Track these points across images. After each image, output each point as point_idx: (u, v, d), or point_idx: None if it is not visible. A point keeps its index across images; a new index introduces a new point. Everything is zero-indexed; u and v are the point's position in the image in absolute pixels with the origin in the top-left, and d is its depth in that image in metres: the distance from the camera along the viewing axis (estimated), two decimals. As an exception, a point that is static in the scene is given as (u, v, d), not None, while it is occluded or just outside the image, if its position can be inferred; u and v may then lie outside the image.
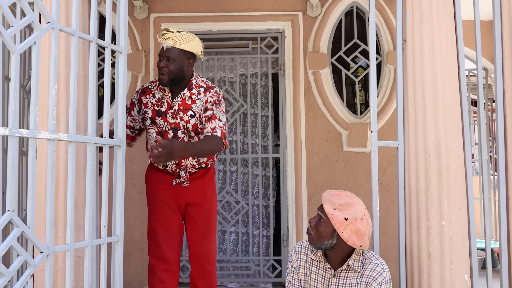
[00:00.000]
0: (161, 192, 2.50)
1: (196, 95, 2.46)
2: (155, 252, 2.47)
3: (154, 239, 2.48)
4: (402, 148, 2.16)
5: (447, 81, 2.10)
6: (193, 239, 2.53)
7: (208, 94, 2.46)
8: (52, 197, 1.64)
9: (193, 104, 2.45)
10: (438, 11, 2.12)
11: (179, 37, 2.35)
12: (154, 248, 2.47)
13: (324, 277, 1.94)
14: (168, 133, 2.45)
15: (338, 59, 3.85)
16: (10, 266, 1.50)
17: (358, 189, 3.65)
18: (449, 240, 2.02)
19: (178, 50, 2.35)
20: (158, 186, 2.51)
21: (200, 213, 2.53)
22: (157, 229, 2.47)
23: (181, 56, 2.37)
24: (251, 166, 3.95)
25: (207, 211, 2.55)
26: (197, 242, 2.53)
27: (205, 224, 2.54)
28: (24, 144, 2.85)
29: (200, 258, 2.54)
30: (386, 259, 2.19)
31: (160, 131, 2.47)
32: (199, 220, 2.53)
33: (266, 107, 4.02)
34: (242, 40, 4.05)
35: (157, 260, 2.46)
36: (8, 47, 1.47)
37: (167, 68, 2.35)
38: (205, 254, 2.54)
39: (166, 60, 2.36)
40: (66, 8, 2.03)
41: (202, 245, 2.53)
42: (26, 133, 1.52)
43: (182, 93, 2.44)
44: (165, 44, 2.35)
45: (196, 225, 2.52)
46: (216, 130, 2.40)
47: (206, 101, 2.45)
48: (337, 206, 1.82)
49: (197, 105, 2.45)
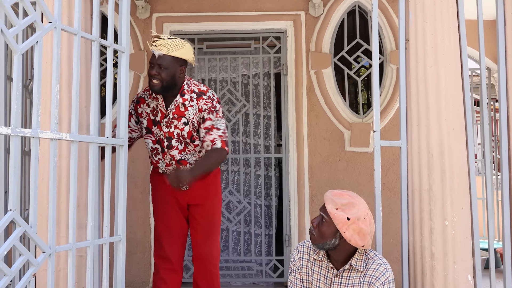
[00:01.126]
0: (163, 194, 2.51)
1: (189, 102, 2.41)
2: (158, 251, 2.53)
3: (157, 239, 2.54)
4: (405, 148, 2.15)
5: (450, 81, 2.09)
6: (196, 240, 2.53)
7: (201, 101, 2.40)
8: (54, 197, 1.64)
9: (186, 111, 2.41)
10: (441, 10, 2.11)
11: (170, 44, 2.30)
12: (157, 248, 2.54)
13: (327, 277, 1.94)
14: (164, 141, 2.45)
15: (340, 58, 3.84)
16: (12, 266, 1.50)
17: (361, 189, 3.65)
18: (452, 240, 2.01)
19: (170, 57, 2.30)
20: (161, 187, 2.52)
21: (203, 214, 2.52)
22: (160, 229, 2.51)
23: (173, 63, 2.32)
24: (253, 166, 3.95)
25: (210, 212, 2.54)
26: (200, 243, 2.53)
27: (207, 225, 2.53)
28: (26, 144, 2.85)
29: (202, 259, 2.54)
30: (389, 259, 2.19)
31: (157, 140, 2.46)
32: (201, 221, 2.52)
33: (268, 107, 4.02)
34: (244, 40, 4.05)
35: (160, 259, 2.50)
36: (11, 47, 1.47)
37: (160, 75, 2.31)
38: (208, 255, 2.54)
39: (158, 68, 2.31)
40: (68, 7, 2.03)
41: (205, 246, 2.53)
42: (28, 132, 1.52)
43: (175, 100, 2.40)
44: (156, 51, 2.30)
45: (199, 226, 2.52)
46: (216, 142, 2.37)
47: (200, 109, 2.40)
48: (340, 206, 1.82)
49: (189, 112, 2.41)
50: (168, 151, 2.45)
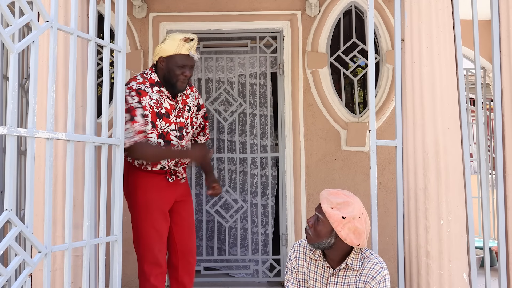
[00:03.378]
0: (153, 196, 2.42)
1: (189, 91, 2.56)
2: (147, 258, 2.40)
3: (146, 245, 2.41)
4: (400, 147, 2.16)
5: (445, 81, 2.10)
6: (181, 236, 2.52)
7: (194, 89, 2.59)
8: (50, 197, 1.63)
9: (187, 99, 2.52)
10: (436, 10, 2.12)
11: (195, 44, 2.41)
12: (148, 254, 2.40)
13: (323, 276, 1.94)
14: (170, 134, 2.42)
15: (336, 58, 3.85)
16: (8, 266, 1.50)
17: (357, 188, 3.66)
18: (448, 238, 2.02)
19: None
20: (150, 189, 2.43)
21: (187, 208, 2.56)
22: (150, 234, 2.41)
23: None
24: (250, 166, 3.95)
25: (191, 207, 2.61)
26: (185, 239, 2.53)
27: (191, 220, 2.57)
28: (22, 143, 2.85)
29: (187, 255, 2.54)
30: (385, 258, 2.20)
31: (161, 134, 2.39)
32: (186, 216, 2.54)
33: (264, 106, 4.02)
34: (241, 40, 4.06)
35: (151, 265, 2.40)
36: (7, 46, 1.47)
37: (190, 76, 2.40)
38: (192, 250, 2.55)
39: (190, 68, 2.39)
40: (65, 7, 2.03)
41: (189, 241, 2.54)
42: (24, 132, 1.51)
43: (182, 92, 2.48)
44: (191, 53, 2.38)
45: (184, 221, 2.53)
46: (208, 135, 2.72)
47: (195, 97, 2.57)
48: (335, 205, 1.82)
49: (191, 99, 2.54)
50: (179, 142, 2.46)
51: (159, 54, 2.40)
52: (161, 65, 2.40)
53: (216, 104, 3.97)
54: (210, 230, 4.02)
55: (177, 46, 2.35)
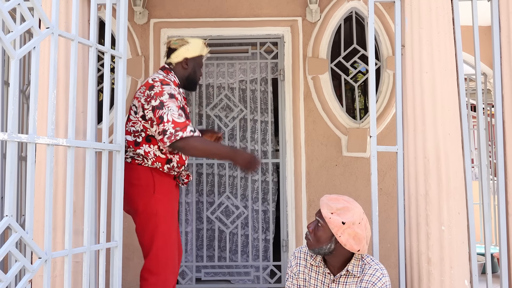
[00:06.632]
0: (175, 203, 2.37)
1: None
2: (173, 268, 2.29)
3: (172, 256, 2.30)
4: (401, 153, 2.16)
5: (446, 86, 2.10)
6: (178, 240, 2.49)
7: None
8: (50, 202, 1.63)
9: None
10: (436, 16, 2.12)
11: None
12: (173, 265, 2.29)
13: (324, 282, 1.93)
14: None
15: (337, 64, 3.86)
16: (8, 272, 1.50)
17: (358, 194, 3.65)
18: (449, 245, 2.02)
19: None
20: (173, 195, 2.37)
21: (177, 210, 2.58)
22: (174, 244, 2.32)
23: None
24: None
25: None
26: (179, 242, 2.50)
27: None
28: (23, 149, 2.85)
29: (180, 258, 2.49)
30: (386, 264, 2.19)
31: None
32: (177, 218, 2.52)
33: (265, 112, 4.03)
34: (242, 46, 4.07)
35: (173, 276, 2.29)
36: (8, 52, 1.47)
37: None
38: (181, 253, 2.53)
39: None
40: (66, 13, 2.04)
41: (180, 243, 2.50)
42: (25, 138, 1.52)
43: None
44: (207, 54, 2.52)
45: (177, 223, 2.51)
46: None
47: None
48: (335, 211, 1.82)
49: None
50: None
51: (183, 56, 2.43)
52: (184, 65, 2.44)
53: (217, 110, 3.97)
54: (211, 237, 4.01)
55: (201, 48, 2.48)
